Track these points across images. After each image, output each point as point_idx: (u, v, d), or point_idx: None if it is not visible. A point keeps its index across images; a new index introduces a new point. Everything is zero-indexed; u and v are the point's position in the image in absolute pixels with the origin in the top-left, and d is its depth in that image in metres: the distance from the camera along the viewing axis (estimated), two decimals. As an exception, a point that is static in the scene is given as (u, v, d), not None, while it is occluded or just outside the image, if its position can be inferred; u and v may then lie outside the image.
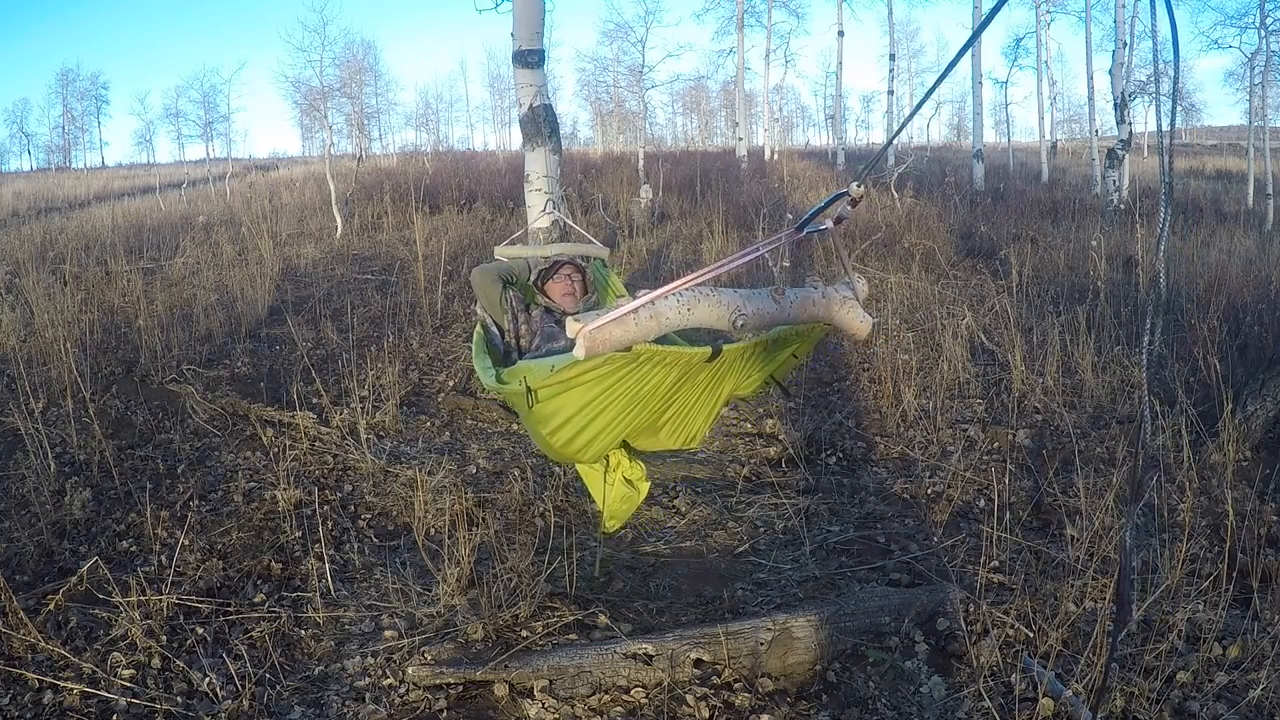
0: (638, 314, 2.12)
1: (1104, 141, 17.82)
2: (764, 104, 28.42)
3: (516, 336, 3.19)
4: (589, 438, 2.51)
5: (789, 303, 2.41)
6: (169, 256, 9.64)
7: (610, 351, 2.15)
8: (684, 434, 2.78)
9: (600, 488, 3.25)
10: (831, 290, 2.51)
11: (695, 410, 2.68)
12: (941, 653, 2.75)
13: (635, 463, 3.26)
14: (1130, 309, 6.19)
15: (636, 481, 3.27)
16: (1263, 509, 3.53)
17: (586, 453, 2.63)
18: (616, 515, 3.33)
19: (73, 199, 18.51)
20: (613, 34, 29.39)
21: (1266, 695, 2.39)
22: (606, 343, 2.11)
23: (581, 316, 2.12)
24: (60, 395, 4.73)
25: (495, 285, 3.25)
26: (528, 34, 5.54)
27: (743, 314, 2.29)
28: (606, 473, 3.23)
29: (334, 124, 19.66)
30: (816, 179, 16.70)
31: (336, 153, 18.89)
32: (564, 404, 2.42)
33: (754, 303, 2.35)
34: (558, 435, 2.52)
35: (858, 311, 2.51)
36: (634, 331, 2.14)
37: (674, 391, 2.49)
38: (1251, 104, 17.01)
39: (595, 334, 2.08)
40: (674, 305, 2.18)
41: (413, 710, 2.53)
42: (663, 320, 2.18)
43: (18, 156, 43.49)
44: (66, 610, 2.90)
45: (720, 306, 2.27)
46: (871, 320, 2.55)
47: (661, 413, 2.61)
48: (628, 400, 2.39)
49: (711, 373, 2.51)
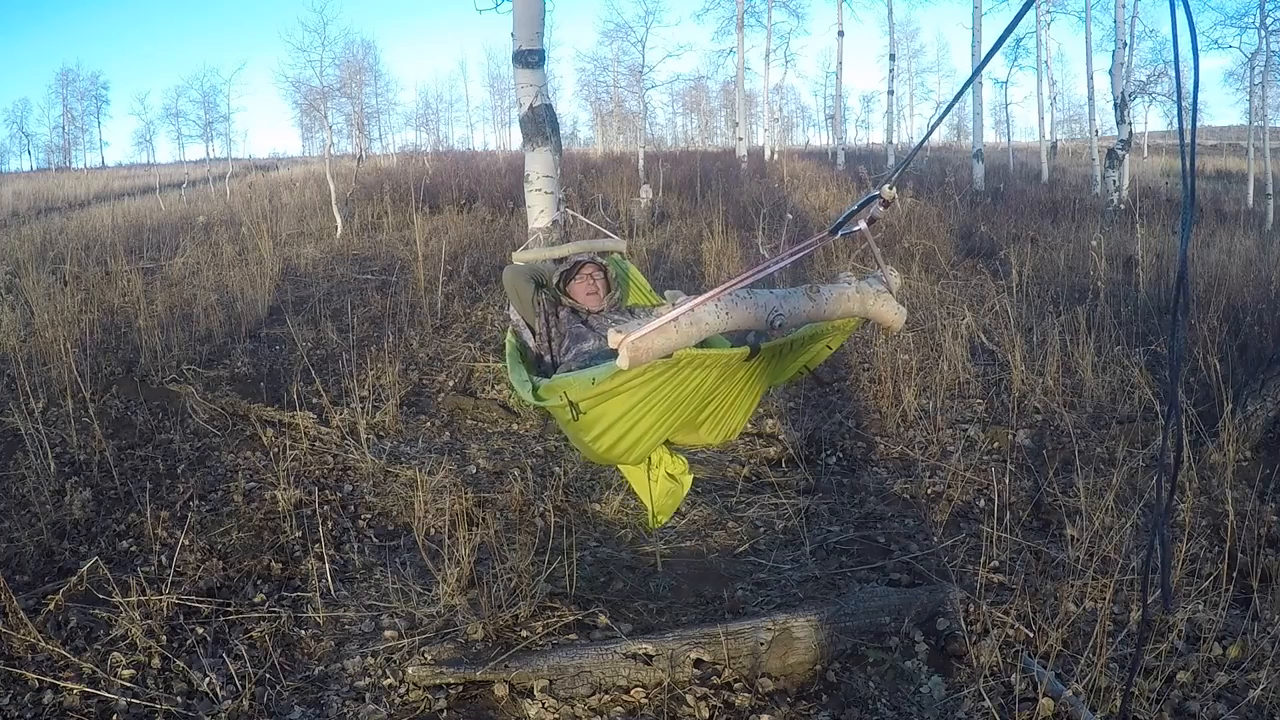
0: (678, 322, 2.15)
1: (1104, 141, 17.82)
2: (764, 104, 28.44)
3: (548, 339, 3.17)
4: (632, 441, 2.52)
5: (824, 299, 2.44)
6: (169, 256, 9.64)
7: (652, 360, 2.17)
8: (724, 429, 2.79)
9: (645, 485, 3.24)
10: (865, 284, 2.53)
11: (735, 406, 2.69)
12: (941, 653, 2.75)
13: (676, 457, 3.26)
14: (1130, 309, 6.19)
15: (679, 475, 3.26)
16: (1263, 509, 3.53)
17: (630, 455, 2.63)
18: (664, 510, 3.31)
19: (73, 199, 18.52)
20: (613, 34, 29.36)
21: (1266, 695, 2.39)
22: (649, 351, 2.13)
23: (623, 327, 2.13)
24: (60, 395, 4.73)
25: (528, 285, 3.21)
26: (528, 34, 5.54)
27: (779, 314, 2.32)
28: (649, 470, 3.22)
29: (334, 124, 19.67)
30: (816, 179, 16.69)
31: (336, 153, 18.89)
32: (606, 411, 2.43)
33: (790, 302, 2.38)
34: (600, 441, 2.52)
35: (891, 304, 2.55)
36: (675, 339, 2.16)
37: (714, 390, 2.51)
38: (1251, 104, 17.03)
39: (638, 344, 2.10)
40: (713, 310, 2.21)
41: (413, 710, 2.53)
42: (703, 326, 2.21)
43: (18, 156, 43.49)
44: (66, 610, 2.90)
45: (758, 309, 2.30)
46: (905, 311, 2.58)
47: (701, 410, 2.62)
48: (670, 403, 2.41)
49: (749, 370, 2.52)
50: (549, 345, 3.15)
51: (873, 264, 2.60)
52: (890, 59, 23.35)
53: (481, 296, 7.69)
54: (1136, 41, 16.86)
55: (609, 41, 31.06)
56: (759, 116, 29.81)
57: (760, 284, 2.24)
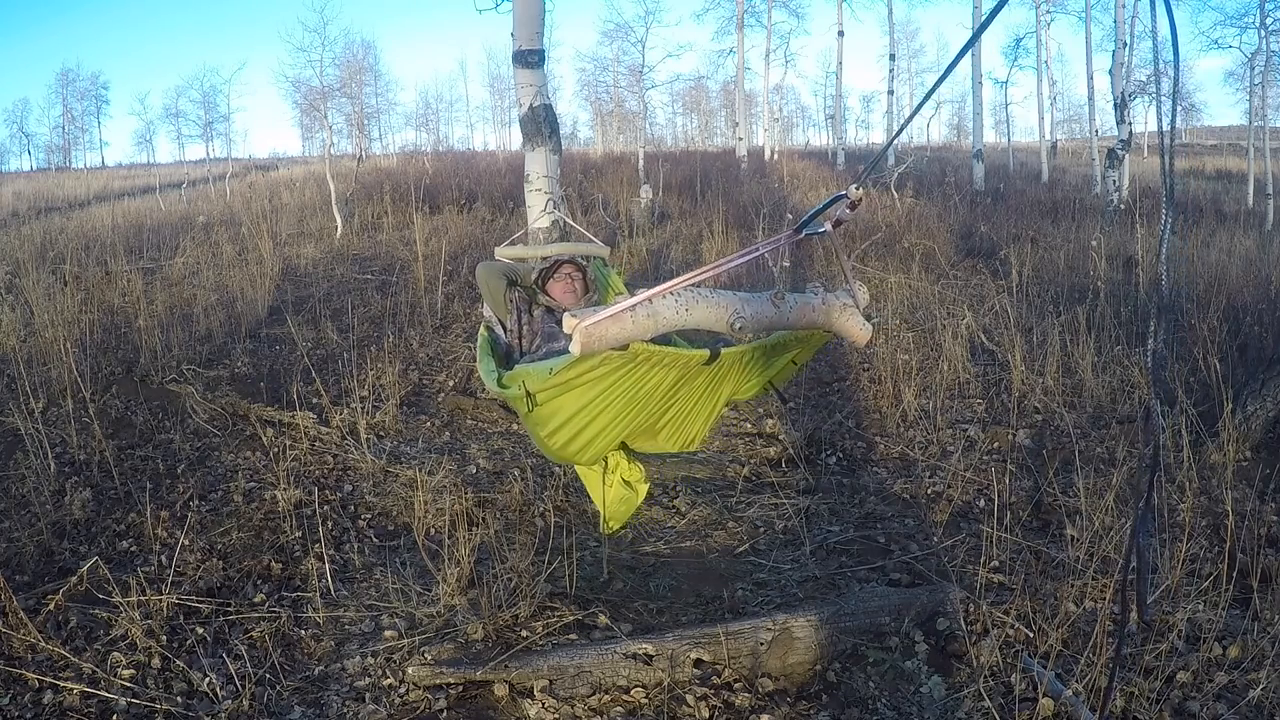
0: (635, 312, 2.11)
1: (1104, 141, 17.82)
2: (764, 104, 28.43)
3: (519, 336, 3.19)
4: (587, 439, 2.51)
5: (788, 308, 2.41)
6: (169, 256, 9.64)
7: (607, 349, 2.13)
8: (683, 437, 2.78)
9: (599, 489, 3.25)
10: (831, 297, 2.51)
11: (694, 413, 2.68)
12: (941, 653, 2.75)
13: (634, 464, 3.27)
14: (1130, 309, 6.19)
15: (635, 483, 3.27)
16: (1263, 509, 3.53)
17: (585, 454, 2.63)
18: (615, 516, 3.34)
19: (73, 199, 18.52)
20: (613, 34, 29.39)
21: (1266, 695, 2.39)
22: (603, 339, 2.10)
23: (578, 313, 2.10)
24: (60, 395, 4.73)
25: (500, 281, 3.25)
26: (528, 34, 5.54)
27: (741, 316, 2.28)
28: (605, 474, 3.23)
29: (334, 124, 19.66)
30: (816, 179, 16.70)
31: (336, 153, 18.89)
32: (562, 405, 2.41)
33: (753, 306, 2.34)
34: (556, 437, 2.52)
35: (857, 319, 2.51)
36: (630, 329, 2.13)
37: (672, 394, 2.49)
38: (1251, 104, 17.02)
39: (591, 330, 2.07)
40: (672, 305, 2.17)
41: (413, 710, 2.53)
42: (660, 319, 2.17)
43: (18, 156, 43.49)
44: (66, 610, 2.90)
45: (719, 308, 2.26)
46: (871, 328, 2.55)
47: (660, 415, 2.61)
48: (625, 402, 2.39)
49: (710, 376, 2.50)
50: (519, 341, 3.18)
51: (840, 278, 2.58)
52: (890, 59, 23.38)
53: (481, 297, 7.68)
54: (1136, 41, 16.84)
55: (609, 41, 31.11)
56: (759, 116, 29.82)
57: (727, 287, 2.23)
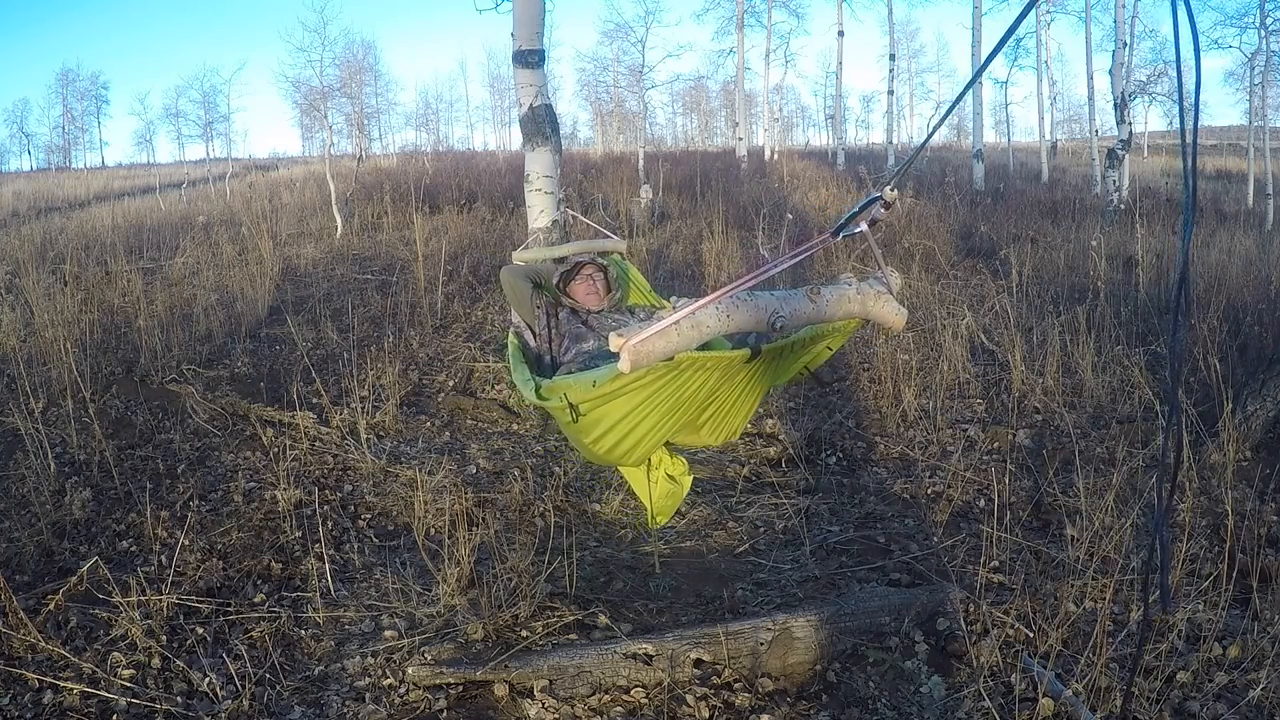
0: (679, 325, 2.14)
1: (1104, 141, 17.82)
2: (764, 104, 28.42)
3: (549, 340, 3.16)
4: (632, 443, 2.52)
5: (825, 301, 2.44)
6: (169, 256, 9.64)
7: (653, 363, 2.17)
8: (725, 430, 2.80)
9: (645, 486, 3.23)
10: (865, 286, 2.54)
11: (736, 407, 2.70)
12: (941, 653, 2.75)
13: (676, 458, 3.26)
14: (1130, 309, 6.19)
15: (679, 476, 3.26)
16: (1263, 509, 3.53)
17: (630, 457, 2.63)
18: (663, 511, 3.31)
19: (73, 199, 18.51)
20: (613, 34, 29.36)
21: (1266, 695, 2.39)
22: (650, 355, 2.13)
23: (624, 331, 2.12)
24: (60, 395, 4.73)
25: (526, 285, 3.20)
26: (528, 34, 5.54)
27: (780, 315, 2.32)
28: (649, 471, 3.22)
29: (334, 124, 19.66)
30: (816, 179, 16.69)
31: (336, 153, 18.89)
32: (607, 413, 2.42)
33: (791, 304, 2.38)
34: (601, 443, 2.52)
35: (892, 304, 2.55)
36: (676, 342, 2.16)
37: (714, 392, 2.51)
38: (1251, 104, 17.04)
39: (639, 347, 2.10)
40: (714, 313, 2.21)
41: (413, 710, 2.53)
42: (704, 329, 2.20)
43: (18, 156, 43.48)
44: (66, 610, 2.90)
45: (759, 311, 2.30)
46: (906, 312, 2.58)
47: (702, 412, 2.62)
48: (670, 405, 2.41)
49: (750, 371, 2.53)
50: (549, 345, 3.15)
51: (872, 264, 2.61)
52: (890, 59, 23.35)
53: (481, 296, 7.69)
54: (1136, 41, 16.87)
55: (609, 41, 31.09)
56: (759, 116, 29.82)
57: (761, 285, 2.25)
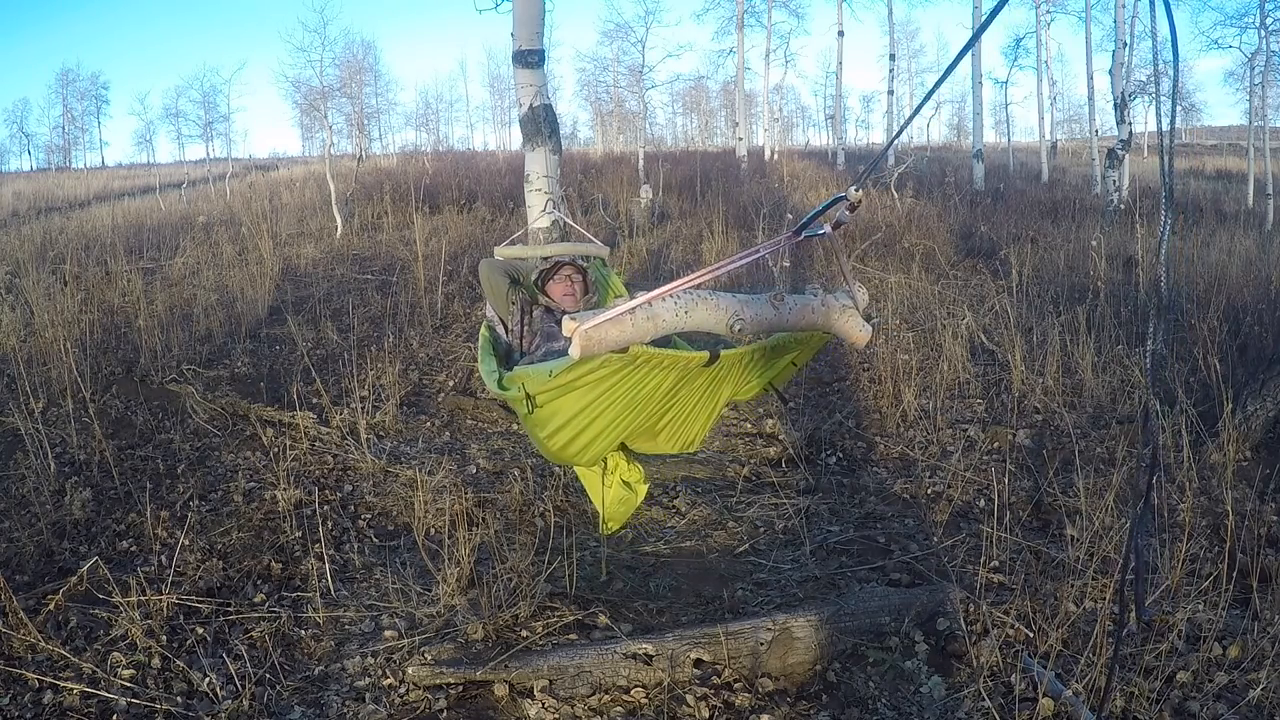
0: (634, 314, 2.11)
1: (1104, 141, 17.82)
2: (764, 104, 28.44)
3: (521, 336, 3.19)
4: (586, 441, 2.51)
5: (787, 309, 2.41)
6: (169, 256, 9.64)
7: (606, 352, 2.14)
8: (682, 438, 2.78)
9: (598, 490, 3.25)
10: (831, 298, 2.51)
11: (694, 415, 2.68)
12: (941, 653, 2.75)
13: (633, 465, 3.27)
14: (1130, 309, 6.19)
15: (634, 484, 3.27)
16: (1263, 509, 3.53)
17: (584, 456, 2.63)
18: (614, 517, 3.34)
19: (73, 199, 18.51)
20: (613, 34, 29.39)
21: (1266, 695, 2.39)
22: (602, 343, 2.10)
23: (577, 316, 2.10)
24: (60, 395, 4.73)
25: (503, 279, 3.24)
26: (528, 34, 5.54)
27: (740, 319, 2.28)
28: (604, 475, 3.23)
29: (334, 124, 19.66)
30: (816, 179, 16.70)
31: (336, 153, 18.88)
32: (561, 407, 2.42)
33: (752, 308, 2.34)
34: (555, 439, 2.52)
35: (857, 320, 2.51)
36: (630, 332, 2.13)
37: (672, 395, 2.49)
38: (1251, 104, 17.02)
39: (591, 333, 2.07)
40: (671, 307, 2.17)
41: (413, 710, 2.53)
42: (659, 322, 2.17)
43: (18, 156, 43.49)
44: (66, 610, 2.90)
45: (718, 310, 2.26)
46: (870, 330, 2.55)
47: (659, 416, 2.61)
48: (625, 404, 2.39)
49: (709, 377, 2.50)
50: (520, 341, 3.18)
51: (839, 278, 2.58)
52: (890, 59, 23.36)
53: (481, 296, 7.66)
54: (1136, 41, 16.83)
55: (609, 41, 31.11)
56: (759, 116, 29.83)
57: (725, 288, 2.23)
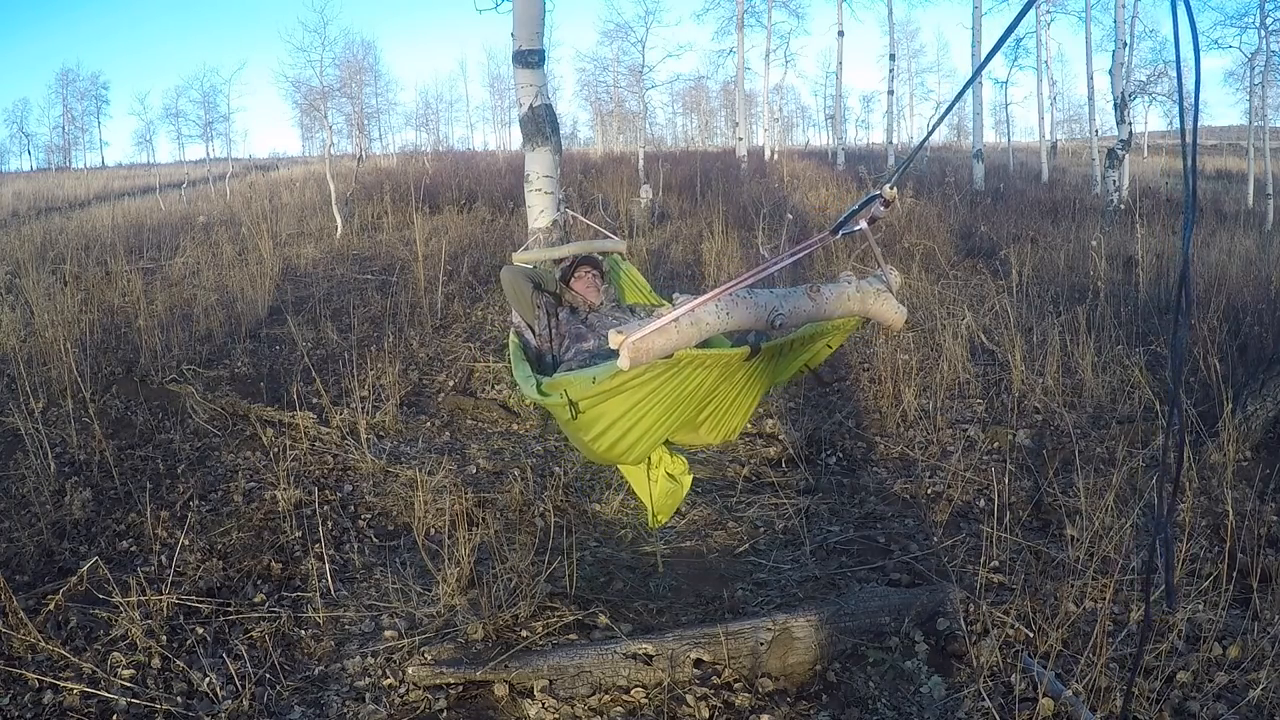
0: (679, 322, 2.15)
1: (1104, 141, 17.81)
2: (764, 104, 28.42)
3: (550, 339, 3.20)
4: (631, 441, 2.52)
5: (825, 299, 2.45)
6: (169, 256, 9.64)
7: (653, 360, 2.17)
8: (724, 429, 2.80)
9: (645, 485, 3.24)
10: (865, 284, 2.54)
11: (735, 406, 2.70)
12: (941, 653, 2.75)
13: (676, 457, 3.27)
14: (1130, 309, 6.19)
15: (679, 475, 3.27)
16: (1263, 509, 3.53)
17: (630, 455, 2.63)
18: (663, 510, 3.32)
19: (73, 199, 18.51)
20: (613, 34, 29.33)
21: (1266, 695, 2.39)
22: (649, 352, 2.13)
23: (624, 328, 2.13)
24: (60, 395, 4.73)
25: (526, 284, 3.27)
26: (528, 34, 5.54)
27: (780, 313, 2.33)
28: (649, 470, 3.23)
29: (334, 124, 19.65)
30: (816, 179, 16.69)
31: (336, 153, 18.88)
32: (606, 410, 2.43)
33: (790, 302, 2.38)
34: (600, 441, 2.52)
35: (892, 303, 2.55)
36: (675, 339, 2.16)
37: (714, 390, 2.51)
38: (1251, 104, 17.02)
39: (638, 344, 2.10)
40: (713, 310, 2.21)
41: (413, 710, 2.53)
42: (703, 327, 2.21)
43: (18, 156, 43.43)
44: (66, 610, 2.90)
45: (758, 309, 2.30)
46: (905, 310, 2.59)
47: (701, 410, 2.63)
48: (669, 403, 2.41)
49: (749, 369, 2.53)
50: (550, 344, 3.19)
51: (872, 263, 2.61)
52: (890, 59, 23.33)
53: (481, 296, 7.69)
54: (1136, 41, 16.86)
55: (609, 41, 31.05)
56: (759, 116, 29.81)
57: (761, 283, 2.25)
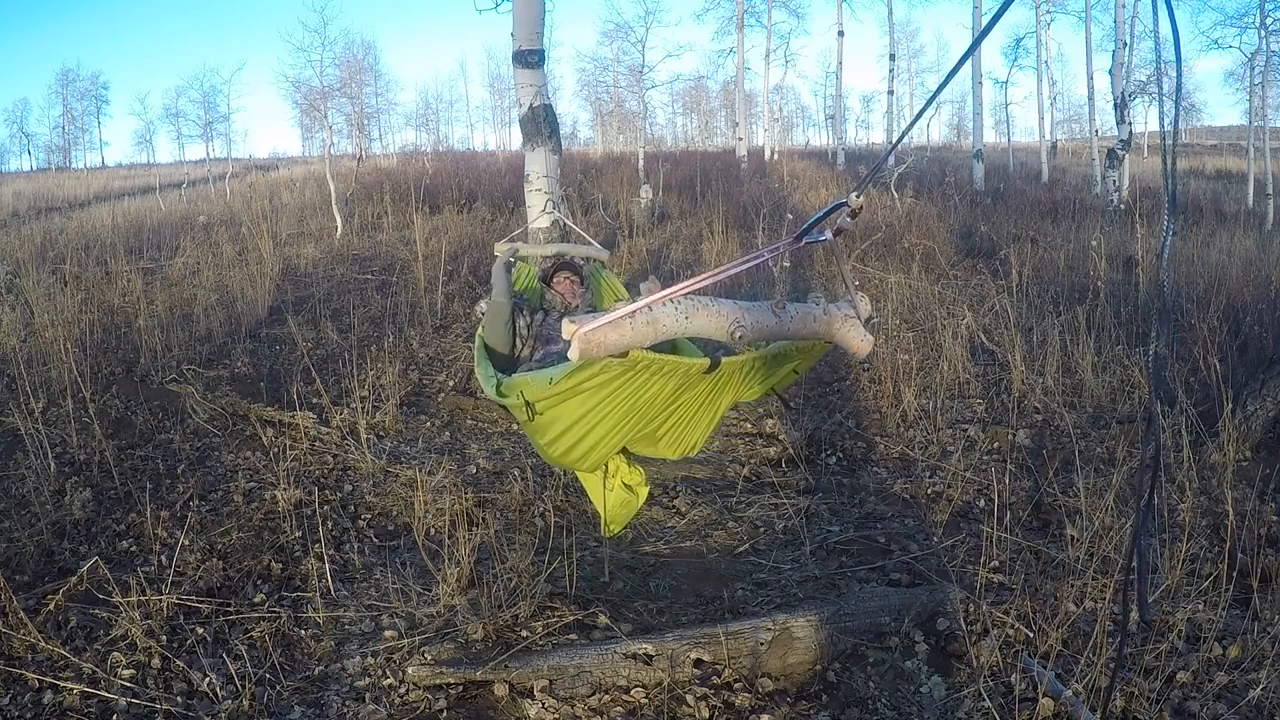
0: (634, 318, 2.09)
1: (1104, 141, 17.81)
2: (764, 104, 28.43)
3: (524, 334, 3.24)
4: (587, 447, 2.51)
5: (789, 317, 2.38)
6: (169, 256, 9.64)
7: (606, 356, 2.11)
8: (683, 444, 2.78)
9: (600, 493, 3.25)
10: (833, 308, 2.49)
11: (694, 421, 2.67)
12: (941, 653, 2.75)
13: (634, 468, 3.27)
14: (1130, 309, 6.19)
15: (636, 486, 3.27)
16: (1263, 509, 3.53)
17: (585, 461, 2.63)
18: (616, 519, 3.34)
19: (73, 199, 18.52)
20: (613, 34, 29.40)
21: (1266, 695, 2.39)
22: (602, 345, 2.08)
23: (577, 319, 2.08)
24: (60, 395, 4.73)
25: (504, 328, 3.37)
26: (528, 34, 5.54)
27: (741, 326, 2.25)
28: (606, 478, 3.23)
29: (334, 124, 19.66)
30: (816, 179, 16.70)
31: (336, 153, 18.88)
32: (562, 414, 2.41)
33: (753, 315, 2.31)
34: (557, 444, 2.52)
35: (859, 330, 2.50)
36: (630, 336, 2.10)
37: (673, 401, 2.48)
38: (1251, 104, 17.02)
39: (590, 336, 2.05)
40: (671, 313, 2.15)
41: (413, 710, 2.53)
42: (659, 327, 2.14)
43: (18, 156, 43.49)
44: (66, 610, 2.90)
45: (719, 317, 2.23)
46: (871, 340, 2.54)
47: (660, 422, 2.60)
48: (626, 410, 2.38)
49: (711, 384, 2.49)
50: (523, 339, 3.27)
51: (841, 287, 2.57)
52: (890, 59, 23.35)
53: (482, 296, 7.68)
54: (1136, 41, 16.84)
55: (609, 41, 31.11)
56: (759, 116, 29.82)
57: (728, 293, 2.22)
